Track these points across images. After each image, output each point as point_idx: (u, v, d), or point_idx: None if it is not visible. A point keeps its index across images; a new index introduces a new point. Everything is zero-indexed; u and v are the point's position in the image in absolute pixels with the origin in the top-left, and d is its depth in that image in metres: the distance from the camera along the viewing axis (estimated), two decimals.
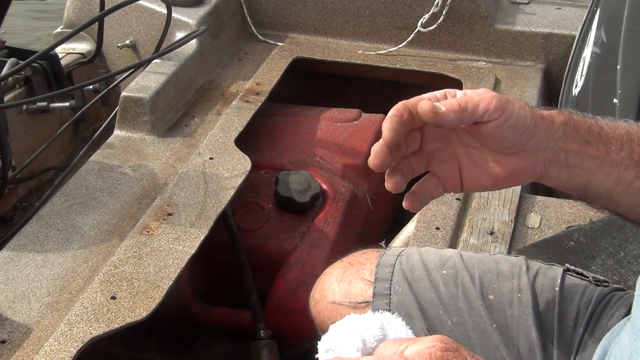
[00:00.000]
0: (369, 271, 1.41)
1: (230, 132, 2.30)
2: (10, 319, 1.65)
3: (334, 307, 1.42)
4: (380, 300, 1.35)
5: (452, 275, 1.34)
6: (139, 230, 1.90)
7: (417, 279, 1.35)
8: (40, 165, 2.63)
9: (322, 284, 1.48)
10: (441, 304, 1.32)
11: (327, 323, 1.35)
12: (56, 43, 2.13)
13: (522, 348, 1.26)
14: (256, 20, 2.92)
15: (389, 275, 1.38)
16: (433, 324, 1.31)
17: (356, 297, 1.39)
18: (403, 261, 1.40)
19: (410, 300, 1.33)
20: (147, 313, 1.67)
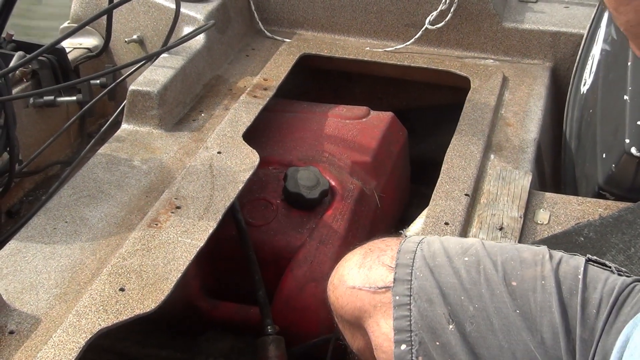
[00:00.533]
0: (389, 257, 1.40)
1: (238, 126, 2.30)
2: (19, 310, 1.64)
3: (354, 292, 1.41)
4: (401, 286, 1.35)
5: (474, 262, 1.35)
6: (147, 222, 1.89)
7: (438, 265, 1.36)
8: (47, 159, 2.62)
9: (341, 270, 1.47)
10: (463, 290, 1.32)
11: (346, 308, 1.40)
12: (63, 36, 2.12)
13: (546, 333, 1.26)
14: (263, 16, 2.91)
15: (410, 261, 1.38)
16: (455, 309, 1.31)
17: (376, 282, 1.38)
18: (424, 248, 1.40)
19: (431, 285, 1.33)
20: (156, 305, 1.66)
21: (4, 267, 1.76)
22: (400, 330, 1.33)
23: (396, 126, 2.65)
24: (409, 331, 1.32)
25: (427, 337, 1.31)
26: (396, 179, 2.58)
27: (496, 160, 2.21)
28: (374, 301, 1.37)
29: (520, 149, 2.28)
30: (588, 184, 2.25)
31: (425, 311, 1.32)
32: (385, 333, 1.34)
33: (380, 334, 1.36)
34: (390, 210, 2.54)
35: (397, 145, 2.63)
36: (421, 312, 1.32)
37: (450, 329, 1.30)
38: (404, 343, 1.32)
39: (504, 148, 2.29)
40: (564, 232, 1.91)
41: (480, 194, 2.08)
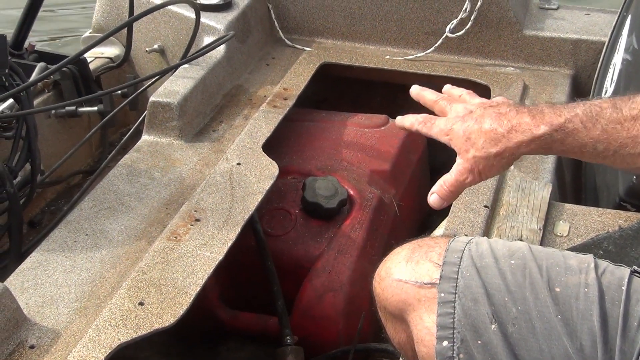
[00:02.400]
0: (437, 254, 1.42)
1: (257, 137, 2.31)
2: (39, 324, 1.66)
3: (399, 285, 1.43)
4: (446, 283, 1.37)
5: (520, 266, 1.36)
6: (166, 235, 1.90)
7: (485, 265, 1.38)
8: (69, 169, 2.64)
9: (389, 263, 1.49)
10: (507, 292, 1.34)
11: (390, 300, 1.43)
12: (85, 48, 2.14)
13: (585, 341, 1.27)
14: (284, 25, 2.92)
15: (457, 260, 1.39)
16: (498, 310, 1.33)
17: (422, 277, 1.40)
18: (472, 248, 1.42)
19: (477, 285, 1.35)
20: (175, 319, 1.67)
21: (25, 280, 1.78)
22: (443, 326, 1.35)
23: (415, 135, 2.63)
24: (451, 328, 1.34)
25: (469, 335, 1.33)
26: (415, 188, 2.58)
27: (516, 171, 2.21)
28: (419, 295, 1.39)
29: (540, 159, 2.27)
30: (609, 194, 2.24)
31: (469, 310, 1.34)
32: (427, 327, 1.37)
33: (422, 327, 1.37)
34: (409, 219, 2.54)
35: (416, 153, 2.63)
36: (465, 311, 1.34)
37: (492, 328, 1.32)
38: (446, 340, 1.34)
39: (523, 158, 2.27)
40: (583, 244, 1.90)
41: (499, 206, 2.07)
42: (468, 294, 1.35)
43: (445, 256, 1.41)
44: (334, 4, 2.88)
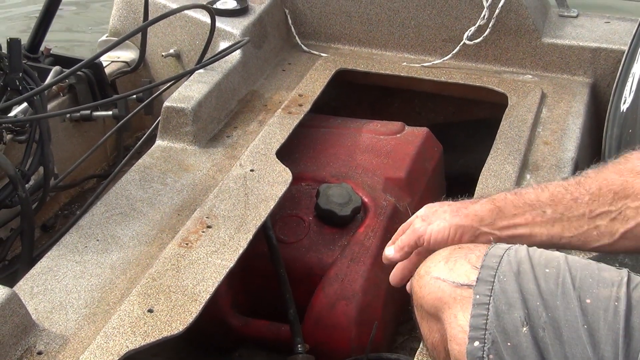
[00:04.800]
0: (476, 256, 1.47)
1: (272, 143, 2.29)
2: (48, 329, 1.65)
3: (437, 283, 1.47)
4: (483, 286, 1.41)
5: (554, 274, 1.40)
6: (177, 242, 1.89)
7: (522, 271, 1.42)
8: (83, 173, 2.64)
9: (428, 262, 1.54)
10: (540, 298, 1.38)
11: (427, 298, 1.48)
12: (101, 52, 2.13)
13: (607, 352, 1.30)
14: (300, 30, 2.91)
15: (495, 264, 1.44)
16: (530, 314, 1.37)
17: (460, 277, 1.45)
18: (511, 254, 1.46)
19: (513, 290, 1.39)
20: (184, 327, 1.66)
21: (35, 285, 1.77)
22: (475, 327, 1.38)
23: (431, 142, 2.62)
24: (483, 329, 1.38)
25: (500, 337, 1.37)
26: (431, 196, 2.55)
27: (532, 180, 2.18)
28: (454, 294, 1.43)
29: (557, 168, 2.25)
30: None
31: (502, 313, 1.38)
32: (461, 325, 1.40)
33: (456, 325, 1.41)
34: None
35: (432, 161, 2.61)
36: (498, 313, 1.38)
37: (523, 331, 1.36)
38: (477, 340, 1.38)
39: (540, 167, 2.26)
40: (598, 257, 1.87)
41: None
42: (503, 297, 1.39)
43: (484, 260, 1.45)
44: (351, 10, 2.86)
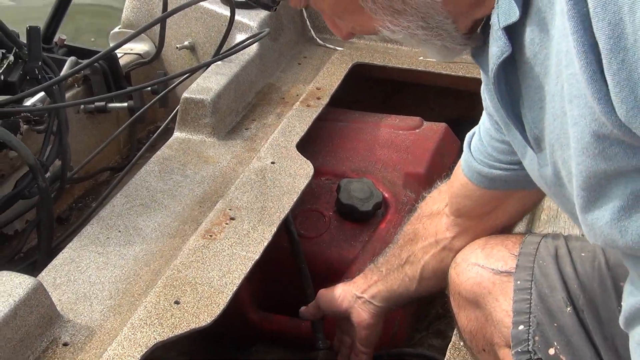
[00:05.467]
0: (512, 243, 1.52)
1: (291, 136, 2.26)
2: (73, 321, 1.63)
3: (475, 269, 1.52)
4: (523, 272, 1.46)
5: (590, 258, 1.44)
6: (201, 234, 1.86)
7: (560, 255, 1.46)
8: (96, 166, 2.61)
9: (465, 250, 1.59)
10: (577, 280, 1.43)
11: (465, 284, 1.53)
12: (118, 44, 2.10)
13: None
14: (315, 24, 2.88)
15: (533, 251, 1.48)
16: (570, 295, 1.42)
17: (497, 263, 1.50)
18: (548, 240, 1.50)
19: (554, 273, 1.44)
20: (212, 319, 1.63)
21: (57, 276, 1.74)
22: (519, 312, 1.43)
23: (450, 137, 2.60)
24: (527, 313, 1.43)
25: (545, 319, 1.42)
26: None
27: None
28: (493, 279, 1.48)
29: None
30: None
31: (546, 296, 1.43)
32: (505, 310, 1.45)
33: (500, 310, 1.46)
34: None
35: (451, 157, 2.58)
36: (541, 297, 1.43)
37: (568, 311, 1.41)
38: (522, 324, 1.42)
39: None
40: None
41: (540, 210, 2.03)
42: (544, 281, 1.44)
43: (522, 247, 1.50)
44: None
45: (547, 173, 1.17)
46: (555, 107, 1.06)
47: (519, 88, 1.13)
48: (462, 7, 1.14)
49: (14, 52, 2.05)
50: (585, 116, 0.98)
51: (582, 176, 1.04)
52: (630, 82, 0.90)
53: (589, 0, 0.91)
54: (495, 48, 1.10)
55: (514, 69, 1.12)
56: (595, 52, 0.93)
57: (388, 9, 1.14)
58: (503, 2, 1.06)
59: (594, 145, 1.00)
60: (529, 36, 1.06)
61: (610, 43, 0.90)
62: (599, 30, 0.91)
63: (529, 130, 1.16)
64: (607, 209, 1.05)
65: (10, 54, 2.05)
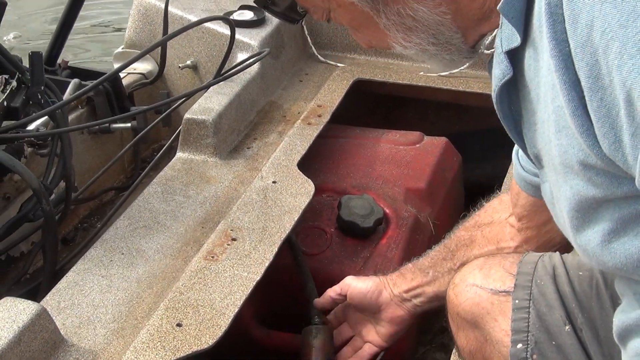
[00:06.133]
0: (510, 263, 1.54)
1: (293, 155, 2.29)
2: (77, 345, 1.65)
3: (473, 289, 1.53)
4: (521, 291, 1.48)
5: (588, 277, 1.45)
6: (203, 255, 1.89)
7: (558, 275, 1.48)
8: (101, 186, 2.63)
9: (463, 270, 1.60)
10: (575, 299, 1.44)
11: (463, 305, 1.54)
12: (122, 66, 2.12)
13: None
14: (316, 40, 2.90)
15: (531, 270, 1.50)
16: (568, 314, 1.43)
17: (495, 283, 1.51)
18: (545, 260, 1.51)
19: (551, 291, 1.46)
20: (214, 341, 1.65)
21: (62, 300, 1.76)
22: (517, 331, 1.45)
23: (450, 152, 2.61)
24: (526, 332, 1.44)
25: (543, 337, 1.43)
26: (450, 206, 2.55)
27: None
28: (492, 299, 1.50)
29: None
30: None
31: (544, 315, 1.44)
32: (504, 329, 1.47)
33: (499, 329, 1.48)
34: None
35: (452, 171, 2.60)
36: (539, 315, 1.44)
37: (566, 329, 1.42)
38: (521, 342, 1.44)
39: None
40: None
41: None
42: (542, 300, 1.45)
43: (519, 267, 1.51)
44: None
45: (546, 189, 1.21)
46: (545, 133, 1.09)
47: (520, 109, 1.17)
48: (470, 22, 1.20)
49: (17, 78, 2.07)
50: (573, 146, 1.02)
51: (575, 199, 1.07)
52: (610, 118, 0.94)
53: (570, 41, 0.95)
54: (498, 70, 1.14)
55: (516, 90, 1.15)
56: (577, 89, 0.97)
57: (400, 26, 1.21)
58: (506, 27, 1.09)
59: (582, 173, 1.04)
60: (527, 62, 1.10)
61: (589, 82, 0.94)
62: (580, 69, 0.95)
63: (529, 148, 1.20)
64: (598, 231, 1.08)
65: (13, 80, 2.07)
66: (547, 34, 0.97)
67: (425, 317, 2.30)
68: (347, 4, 1.22)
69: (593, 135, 0.97)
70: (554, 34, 0.97)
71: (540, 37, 1.02)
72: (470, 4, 1.18)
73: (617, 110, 0.93)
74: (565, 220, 1.13)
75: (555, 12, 0.96)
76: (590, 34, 0.92)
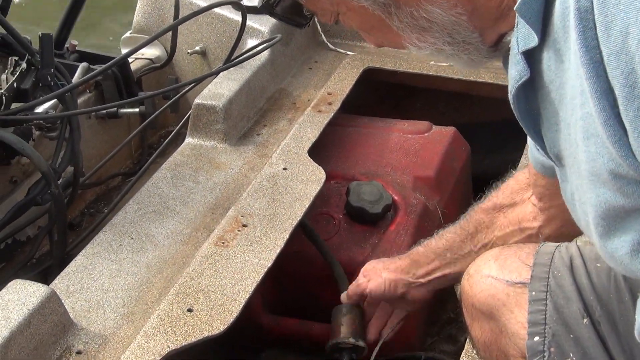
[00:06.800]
0: (526, 253, 1.51)
1: (303, 142, 2.27)
2: (86, 328, 1.64)
3: (488, 281, 1.52)
4: (538, 283, 1.45)
5: (606, 269, 1.43)
6: (214, 241, 1.87)
7: (576, 266, 1.46)
8: (108, 171, 2.62)
9: (478, 261, 1.58)
10: (593, 292, 1.42)
11: (479, 296, 1.53)
12: (129, 52, 2.12)
13: None
14: (326, 28, 2.88)
15: (548, 261, 1.47)
16: (586, 307, 1.41)
17: (512, 275, 1.49)
18: (562, 251, 1.49)
19: (569, 284, 1.43)
20: (225, 327, 1.64)
21: (71, 284, 1.75)
22: (534, 323, 1.43)
23: (459, 141, 2.60)
24: (543, 324, 1.42)
25: (560, 330, 1.41)
26: (459, 195, 2.54)
27: None
28: (508, 290, 1.48)
29: None
30: None
31: (561, 307, 1.42)
32: (520, 322, 1.45)
33: (515, 321, 1.46)
34: None
35: (460, 160, 2.59)
36: (557, 308, 1.42)
37: (584, 322, 1.40)
38: (537, 335, 1.42)
39: None
40: None
41: None
42: (559, 292, 1.43)
43: (536, 258, 1.49)
44: None
45: (566, 189, 1.19)
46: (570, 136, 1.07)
47: (539, 108, 1.15)
48: (487, 22, 1.17)
49: (27, 60, 2.05)
50: (603, 154, 1.00)
51: (602, 207, 1.05)
52: None
53: (603, 48, 0.93)
54: (514, 71, 1.11)
55: (533, 90, 1.13)
56: (609, 97, 0.94)
57: (415, 27, 1.18)
58: (522, 27, 1.07)
59: (612, 182, 1.02)
60: (546, 62, 1.07)
61: (625, 91, 0.92)
62: (614, 78, 0.93)
63: (549, 147, 1.18)
64: (627, 240, 1.06)
65: (22, 61, 2.05)
66: (578, 40, 0.95)
67: (432, 309, 2.30)
68: (358, 7, 1.19)
69: (626, 145, 0.95)
70: (584, 40, 0.94)
71: (565, 40, 1.00)
72: (487, 3, 1.15)
73: None
74: (590, 226, 1.11)
75: (585, 17, 0.94)
76: (626, 42, 0.90)
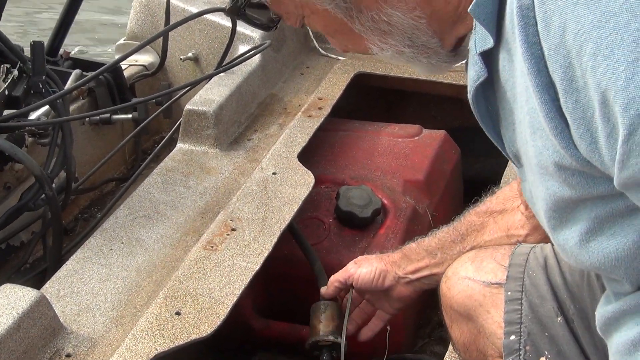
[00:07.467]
0: (501, 255, 1.54)
1: (293, 147, 2.29)
2: (76, 332, 1.66)
3: (465, 282, 1.54)
4: (513, 283, 1.48)
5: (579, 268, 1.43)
6: (202, 245, 1.90)
7: (550, 266, 1.48)
8: (102, 176, 2.64)
9: (455, 263, 1.61)
10: (567, 290, 1.44)
11: (456, 297, 1.55)
12: (122, 57, 2.14)
13: None
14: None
15: (523, 262, 1.50)
16: (560, 305, 1.44)
17: (487, 275, 1.52)
18: (537, 251, 1.52)
19: (544, 283, 1.46)
20: (212, 330, 1.66)
21: (61, 288, 1.78)
22: (510, 322, 1.45)
23: (449, 145, 2.62)
24: (519, 323, 1.45)
25: (536, 328, 1.43)
26: (449, 199, 2.56)
27: None
28: (484, 291, 1.51)
29: None
30: None
31: (536, 306, 1.45)
32: (497, 321, 1.48)
33: (492, 321, 1.49)
34: None
35: (450, 164, 2.61)
36: (532, 307, 1.45)
37: (559, 321, 1.43)
38: (514, 334, 1.44)
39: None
40: None
41: None
42: (534, 292, 1.45)
43: (512, 258, 1.51)
44: None
45: (526, 188, 1.21)
46: (522, 134, 1.10)
47: (498, 109, 1.17)
48: (445, 25, 1.19)
49: (18, 67, 2.08)
50: (548, 147, 1.02)
51: (552, 200, 1.08)
52: (585, 120, 0.94)
53: (543, 44, 0.95)
54: (473, 72, 1.13)
55: (492, 91, 1.15)
56: (550, 91, 0.97)
57: (376, 30, 1.20)
58: (479, 29, 1.09)
59: (557, 174, 1.04)
60: (502, 63, 1.09)
61: (564, 84, 0.95)
62: (554, 72, 0.95)
63: (508, 147, 1.20)
64: (576, 230, 1.08)
65: (14, 69, 2.08)
66: (519, 37, 0.98)
67: (422, 310, 2.32)
68: (321, 10, 1.21)
69: (568, 137, 0.97)
70: (526, 37, 0.97)
71: (513, 39, 1.02)
72: (444, 7, 1.17)
73: (592, 111, 0.93)
74: (543, 220, 1.14)
75: (526, 15, 0.97)
76: (564, 36, 0.93)
